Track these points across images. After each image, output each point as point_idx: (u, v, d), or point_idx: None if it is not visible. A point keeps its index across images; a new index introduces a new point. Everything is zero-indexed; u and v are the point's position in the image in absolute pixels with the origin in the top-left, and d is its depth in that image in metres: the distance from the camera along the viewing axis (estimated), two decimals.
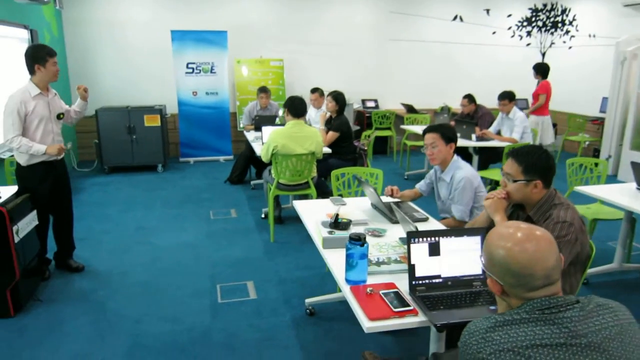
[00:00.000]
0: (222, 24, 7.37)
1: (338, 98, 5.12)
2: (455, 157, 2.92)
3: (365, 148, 5.30)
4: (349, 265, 1.95)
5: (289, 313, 3.18)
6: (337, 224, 2.48)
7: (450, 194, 2.89)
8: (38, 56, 3.36)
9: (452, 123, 5.97)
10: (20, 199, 3.18)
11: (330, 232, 2.42)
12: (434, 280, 1.90)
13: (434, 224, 2.74)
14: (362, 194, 3.74)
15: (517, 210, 2.26)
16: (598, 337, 1.13)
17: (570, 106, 8.22)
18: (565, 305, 1.17)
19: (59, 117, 3.53)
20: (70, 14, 7.08)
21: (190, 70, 7.27)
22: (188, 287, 3.54)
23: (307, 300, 3.21)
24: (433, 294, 1.86)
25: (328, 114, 5.32)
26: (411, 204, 3.05)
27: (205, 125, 7.53)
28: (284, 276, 3.71)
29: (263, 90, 6.29)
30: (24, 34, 5.41)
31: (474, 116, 6.12)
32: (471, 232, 1.95)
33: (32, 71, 3.40)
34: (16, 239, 3.04)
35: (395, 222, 2.74)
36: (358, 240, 1.91)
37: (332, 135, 5.01)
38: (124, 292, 3.46)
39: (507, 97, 5.48)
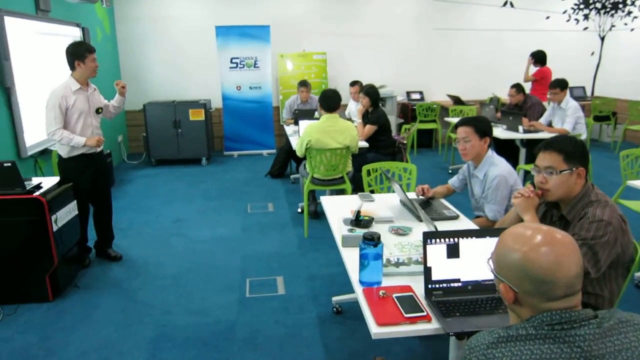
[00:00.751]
0: (265, 18, 7.38)
1: (370, 92, 4.98)
2: (490, 152, 2.74)
3: (405, 142, 5.14)
4: (363, 266, 1.86)
5: (316, 310, 3.13)
6: (358, 221, 2.39)
7: (483, 192, 2.72)
8: (78, 52, 3.47)
9: (499, 115, 5.68)
10: (59, 190, 3.30)
11: (350, 230, 2.34)
12: (452, 284, 1.77)
13: (464, 223, 2.58)
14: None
15: (550, 209, 2.08)
16: (617, 359, 0.99)
17: (633, 93, 7.63)
18: (579, 320, 1.03)
19: (98, 111, 3.64)
20: (122, 11, 7.33)
21: (234, 65, 7.34)
22: (218, 280, 3.56)
23: (334, 299, 3.13)
24: (451, 299, 1.73)
25: (361, 107, 5.20)
26: (443, 200, 2.90)
27: (249, 119, 7.59)
28: (315, 272, 3.65)
29: (303, 84, 6.25)
30: (77, 32, 5.64)
31: (523, 107, 5.79)
32: (494, 232, 1.81)
33: (72, 67, 3.51)
34: (55, 228, 3.16)
35: (421, 220, 2.61)
36: (371, 240, 1.81)
37: (370, 128, 4.89)
38: (156, 282, 3.53)
39: (559, 86, 5.13)
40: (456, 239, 1.78)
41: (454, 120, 6.47)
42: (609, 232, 1.81)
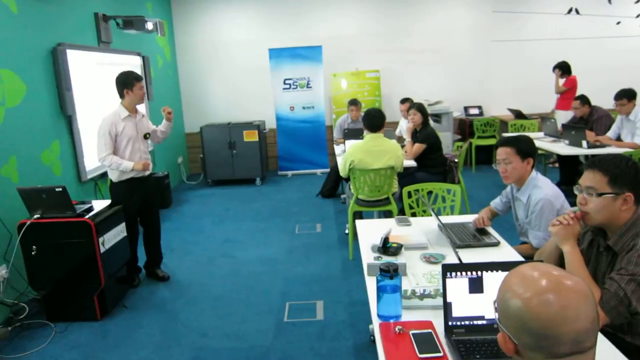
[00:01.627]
0: (317, 39, 7.45)
1: (422, 109, 4.83)
2: (534, 173, 2.52)
3: (456, 160, 4.91)
4: (379, 298, 1.76)
5: (353, 338, 3.02)
6: (385, 248, 2.27)
7: (527, 216, 2.51)
8: (127, 81, 3.65)
9: (560, 129, 5.31)
10: (108, 213, 3.45)
11: (377, 258, 2.23)
12: (475, 322, 1.62)
13: (506, 251, 2.39)
14: (439, 212, 3.45)
15: (597, 238, 1.86)
16: None
17: None
18: None
19: (146, 136, 3.79)
20: (182, 39, 7.70)
21: (287, 86, 7.45)
22: (258, 303, 3.55)
23: (371, 326, 3.01)
24: (473, 338, 1.58)
25: (411, 125, 5.05)
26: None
27: (302, 139, 7.65)
28: (355, 297, 3.54)
29: (353, 102, 6.20)
30: (137, 60, 5.98)
31: (589, 120, 5.37)
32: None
33: (122, 95, 3.70)
34: (102, 249, 3.30)
35: (459, 246, 2.45)
36: (387, 271, 1.71)
37: (418, 147, 4.73)
38: (198, 304, 3.58)
39: (626, 96, 4.71)
40: (479, 273, 1.63)
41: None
42: None
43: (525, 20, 7.64)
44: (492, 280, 1.63)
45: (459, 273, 1.64)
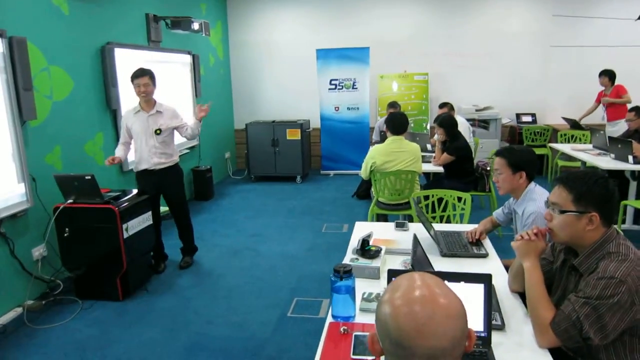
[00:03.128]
0: (365, 40, 7.45)
1: (444, 123, 4.70)
2: (532, 185, 2.43)
3: (488, 168, 4.75)
4: (332, 299, 1.80)
5: None
6: (364, 251, 2.29)
7: (521, 229, 2.42)
8: (131, 79, 3.87)
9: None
10: (133, 201, 3.71)
11: (353, 260, 2.26)
12: None
13: (492, 264, 2.33)
14: (449, 219, 3.38)
15: (569, 256, 1.78)
16: None
17: None
18: None
19: (156, 132, 3.93)
20: (235, 38, 8.01)
21: (333, 87, 7.53)
22: (268, 296, 3.66)
23: None
24: None
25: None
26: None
27: (346, 139, 7.69)
28: None
29: (392, 105, 6.16)
30: (187, 58, 6.31)
31: None
32: (471, 278, 1.61)
33: None
34: (125, 235, 3.55)
35: (445, 255, 2.42)
36: (337, 272, 1.74)
37: (446, 158, 4.59)
38: (212, 293, 3.75)
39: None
40: None
41: (558, 146, 5.84)
42: (621, 293, 1.50)
43: (587, 25, 7.20)
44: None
45: None
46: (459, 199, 3.31)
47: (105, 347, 3.03)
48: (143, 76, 3.78)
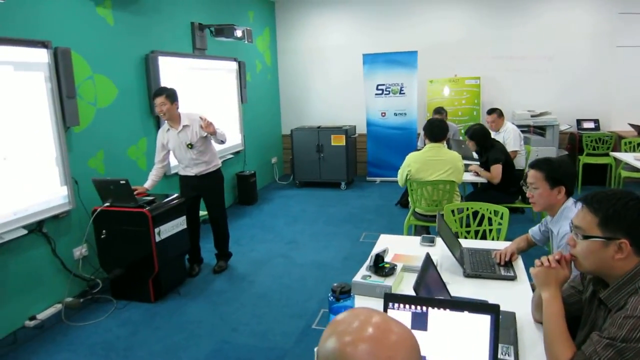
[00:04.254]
0: (413, 44, 7.25)
1: (474, 135, 4.43)
2: (570, 202, 2.20)
3: None
4: (330, 318, 1.70)
5: None
6: (377, 268, 2.17)
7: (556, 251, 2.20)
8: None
9: None
10: (167, 206, 3.78)
11: (365, 277, 2.15)
12: None
13: (519, 287, 2.14)
14: (485, 235, 3.17)
15: (598, 288, 1.58)
16: None
17: None
18: None
19: (189, 146, 3.95)
20: (283, 44, 8.06)
21: (380, 92, 7.38)
22: (295, 306, 3.61)
23: None
24: None
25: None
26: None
27: (393, 145, 7.51)
28: None
29: (438, 111, 5.94)
30: (233, 65, 6.41)
31: None
32: (476, 308, 1.46)
33: None
34: (157, 239, 3.63)
35: (468, 275, 2.25)
36: (334, 292, 1.65)
37: (497, 168, 4.31)
38: (242, 299, 3.75)
39: None
40: (424, 308, 1.49)
41: (620, 155, 5.37)
42: None
43: None
44: (439, 319, 1.48)
45: (402, 305, 1.51)
46: (496, 212, 3.09)
47: (130, 348, 3.09)
48: (159, 96, 3.80)
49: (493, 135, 5.44)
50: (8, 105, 3.20)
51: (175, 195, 3.99)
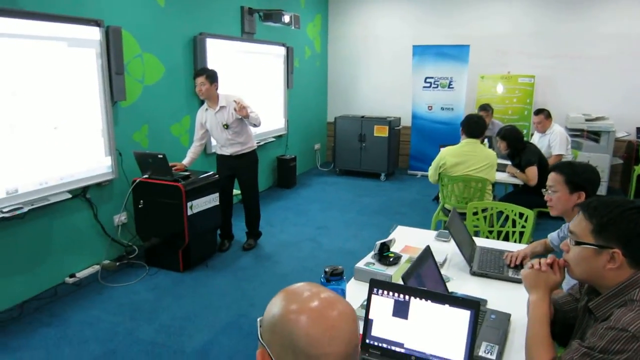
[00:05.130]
0: (465, 38, 7.05)
1: (506, 135, 4.28)
2: None
3: None
4: None
5: None
6: (382, 256, 2.21)
7: None
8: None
9: None
10: (201, 182, 3.95)
11: (368, 264, 2.19)
12: (393, 348, 1.52)
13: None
14: (507, 236, 3.11)
15: (592, 298, 1.54)
16: None
17: None
18: None
19: (224, 127, 4.09)
20: (335, 31, 8.08)
21: (428, 85, 7.26)
22: None
23: None
24: None
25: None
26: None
27: (437, 140, 7.35)
28: None
29: (484, 108, 5.78)
30: (281, 50, 6.51)
31: None
32: (457, 302, 1.48)
33: None
34: (189, 212, 3.81)
35: (474, 273, 2.24)
36: (325, 274, 1.71)
37: (532, 170, 4.18)
38: (264, 277, 3.88)
39: None
40: (407, 297, 1.52)
41: None
42: (631, 351, 1.25)
43: None
44: (420, 309, 1.51)
45: (385, 292, 1.55)
46: (521, 215, 3.02)
47: (154, 311, 3.29)
48: (199, 76, 3.94)
49: (538, 137, 5.27)
50: (61, 78, 3.45)
51: (211, 172, 4.16)
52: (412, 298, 1.52)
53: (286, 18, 5.50)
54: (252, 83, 5.84)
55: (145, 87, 4.28)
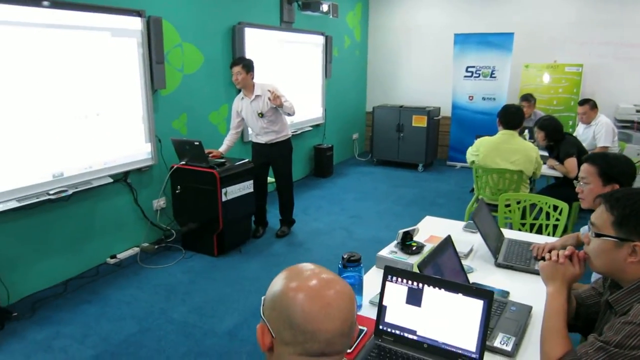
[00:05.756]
0: (508, 25, 6.81)
1: (545, 125, 4.09)
2: None
3: None
4: None
5: None
6: (404, 245, 2.20)
7: None
8: None
9: None
10: (236, 170, 4.04)
11: (391, 252, 2.19)
12: (406, 335, 1.53)
13: None
14: (540, 229, 3.02)
15: (614, 291, 1.49)
16: None
17: None
18: None
19: (260, 115, 4.15)
20: (375, 21, 8.00)
21: (469, 74, 7.08)
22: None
23: None
24: (397, 349, 1.51)
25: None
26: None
27: (478, 131, 7.13)
28: None
29: (526, 98, 5.59)
30: (320, 39, 6.52)
31: None
32: (471, 292, 1.46)
33: None
34: (224, 198, 3.91)
35: (499, 265, 2.20)
36: (342, 259, 1.74)
37: (571, 162, 4.02)
38: (293, 264, 3.92)
39: None
40: (420, 285, 1.52)
41: None
42: None
43: None
44: (433, 297, 1.51)
45: (399, 279, 1.56)
46: (555, 207, 2.93)
47: (187, 293, 3.42)
48: (236, 65, 4.00)
49: (583, 128, 5.06)
50: (104, 67, 3.60)
51: (246, 160, 4.24)
52: (426, 286, 1.52)
53: (324, 7, 5.51)
54: (290, 72, 5.88)
55: (185, 76, 4.41)
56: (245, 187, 4.15)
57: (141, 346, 2.78)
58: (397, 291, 1.56)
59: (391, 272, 1.58)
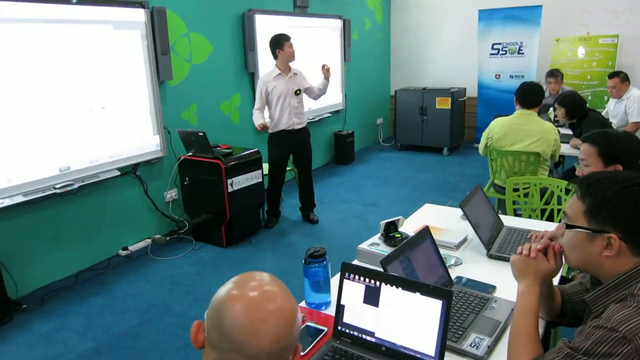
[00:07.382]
0: None
1: (565, 102, 3.82)
2: None
3: None
4: (305, 285, 1.72)
5: None
6: (387, 237, 2.09)
7: None
8: (278, 42, 4.04)
9: None
10: (243, 160, 4.00)
11: (372, 245, 2.09)
12: (364, 337, 1.43)
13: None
14: (552, 215, 2.82)
15: (594, 288, 1.34)
16: None
17: None
18: None
19: (296, 92, 4.11)
20: (398, 2, 7.73)
21: (495, 52, 6.74)
22: None
23: None
24: (355, 352, 1.42)
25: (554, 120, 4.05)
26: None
27: (507, 111, 6.78)
28: None
29: (552, 73, 5.27)
30: (338, 23, 6.35)
31: None
32: (429, 291, 1.35)
33: (275, 56, 4.10)
34: (230, 189, 3.88)
35: (491, 256, 2.05)
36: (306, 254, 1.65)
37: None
38: (303, 255, 3.83)
39: None
40: (377, 283, 1.42)
41: None
42: (620, 354, 1.07)
43: None
44: (391, 297, 1.40)
45: (356, 277, 1.46)
46: (567, 191, 2.72)
47: (192, 285, 3.43)
48: (290, 39, 4.04)
49: (614, 103, 4.72)
50: (107, 60, 3.62)
51: (253, 150, 4.19)
52: (383, 284, 1.42)
53: None
54: (305, 59, 5.75)
55: (193, 66, 4.39)
56: (253, 178, 4.11)
57: (139, 339, 2.81)
58: (354, 289, 1.47)
59: (348, 269, 1.49)
